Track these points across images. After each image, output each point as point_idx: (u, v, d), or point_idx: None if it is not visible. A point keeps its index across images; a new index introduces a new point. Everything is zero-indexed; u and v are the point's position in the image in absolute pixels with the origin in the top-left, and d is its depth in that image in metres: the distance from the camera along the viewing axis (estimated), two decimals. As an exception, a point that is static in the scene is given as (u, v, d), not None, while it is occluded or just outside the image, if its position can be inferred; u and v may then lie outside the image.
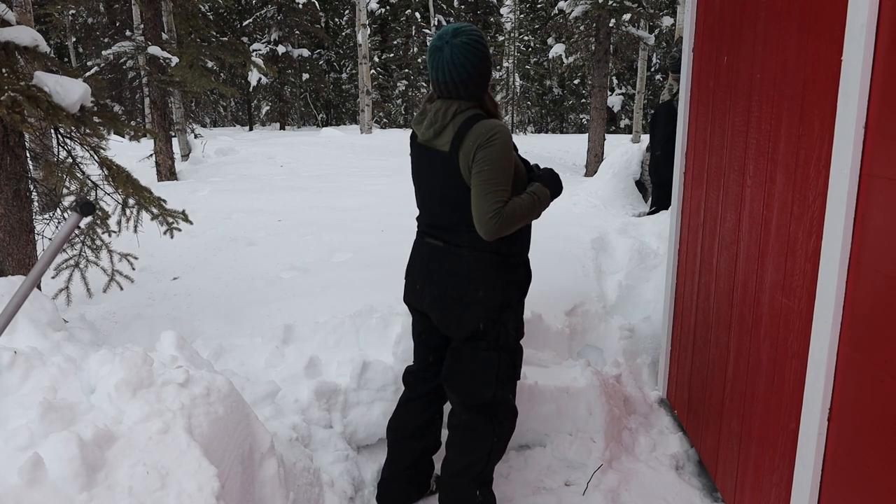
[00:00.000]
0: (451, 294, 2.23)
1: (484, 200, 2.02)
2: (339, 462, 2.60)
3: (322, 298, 3.46)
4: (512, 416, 2.40)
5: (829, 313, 1.65)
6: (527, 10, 24.31)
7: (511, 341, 2.30)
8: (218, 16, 19.77)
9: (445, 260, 2.23)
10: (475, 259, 2.18)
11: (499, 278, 2.22)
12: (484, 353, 2.26)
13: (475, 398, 2.31)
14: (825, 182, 1.68)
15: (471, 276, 2.20)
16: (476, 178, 2.04)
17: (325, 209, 5.45)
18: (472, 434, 2.35)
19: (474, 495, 2.37)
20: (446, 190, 2.16)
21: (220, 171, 9.66)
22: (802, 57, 1.86)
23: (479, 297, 2.20)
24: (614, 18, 10.67)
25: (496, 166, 2.03)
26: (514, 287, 2.28)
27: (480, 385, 2.29)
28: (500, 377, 2.30)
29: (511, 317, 2.29)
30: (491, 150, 2.02)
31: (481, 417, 2.33)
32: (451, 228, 2.21)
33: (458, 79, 2.07)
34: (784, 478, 1.94)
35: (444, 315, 2.28)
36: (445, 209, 2.20)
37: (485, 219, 2.02)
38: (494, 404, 2.32)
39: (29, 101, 2.68)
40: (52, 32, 18.10)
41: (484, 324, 2.23)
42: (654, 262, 4.28)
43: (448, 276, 2.23)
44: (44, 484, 1.45)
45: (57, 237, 1.77)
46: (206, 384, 1.90)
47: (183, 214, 3.47)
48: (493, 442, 2.35)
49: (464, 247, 2.18)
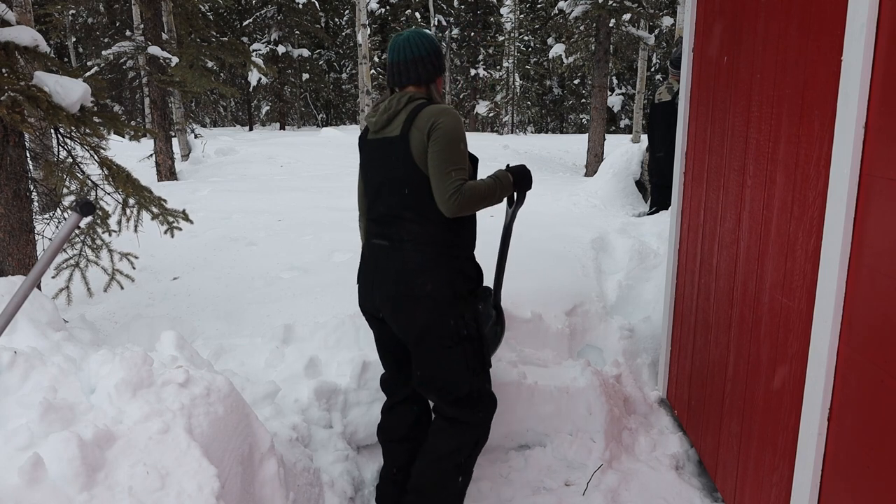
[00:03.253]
0: (400, 291, 2.23)
1: (445, 178, 2.09)
2: (339, 462, 2.60)
3: (322, 298, 3.45)
4: (493, 405, 2.39)
5: (829, 313, 1.65)
6: (527, 10, 24.30)
7: (472, 331, 2.29)
8: (218, 16, 19.78)
9: (391, 258, 2.24)
10: (419, 254, 2.21)
11: (445, 271, 2.23)
12: (447, 350, 2.25)
13: (453, 393, 2.29)
14: (825, 182, 1.68)
15: (416, 271, 2.21)
16: (434, 158, 2.10)
17: (325, 209, 5.45)
18: (461, 424, 2.33)
19: (456, 480, 2.35)
20: (394, 173, 2.20)
21: (220, 171, 9.66)
22: (802, 57, 1.86)
23: (427, 290, 2.20)
24: (614, 18, 10.67)
25: (453, 144, 2.11)
26: (461, 278, 2.27)
27: (453, 380, 2.28)
28: (470, 367, 2.29)
29: (465, 308, 2.28)
30: (446, 128, 2.10)
31: (466, 409, 2.31)
32: (397, 221, 2.22)
33: (411, 57, 2.21)
34: (784, 478, 1.94)
35: (397, 314, 2.26)
36: (392, 197, 2.22)
37: (446, 195, 2.09)
38: (474, 394, 2.31)
39: (29, 101, 2.68)
40: (52, 32, 18.08)
41: (437, 318, 2.22)
42: (654, 262, 4.28)
43: (395, 274, 2.23)
44: (44, 484, 1.45)
45: (57, 237, 1.77)
46: (206, 384, 1.90)
47: (183, 214, 3.47)
48: (479, 431, 2.35)
49: (407, 242, 2.21)
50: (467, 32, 25.16)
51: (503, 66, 22.78)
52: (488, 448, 2.92)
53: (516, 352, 3.26)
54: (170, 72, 8.41)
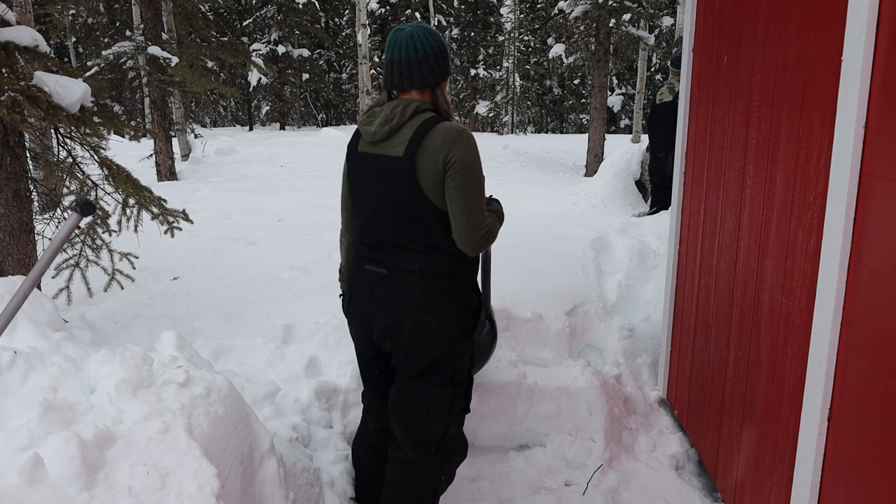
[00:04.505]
0: (401, 327, 2.01)
1: (474, 219, 1.90)
2: (339, 462, 2.60)
3: (322, 298, 3.45)
4: (462, 450, 2.23)
5: (829, 313, 1.65)
6: (527, 10, 24.30)
7: (466, 373, 2.14)
8: (218, 16, 19.78)
9: (391, 290, 2.00)
10: (425, 286, 1.98)
11: (452, 306, 2.03)
12: (439, 388, 2.07)
13: (426, 436, 2.11)
14: (825, 182, 1.68)
15: (422, 306, 1.98)
16: (458, 194, 1.88)
17: (325, 209, 5.45)
18: (419, 472, 2.14)
19: None
20: (396, 198, 1.94)
21: (220, 171, 9.66)
22: (802, 57, 1.86)
23: (432, 328, 2.00)
24: (614, 18, 10.68)
25: (476, 177, 1.91)
26: (468, 314, 2.09)
27: (433, 422, 2.10)
28: (454, 412, 2.12)
29: (467, 348, 2.12)
30: (466, 159, 1.88)
31: (429, 456, 2.13)
32: (397, 250, 1.99)
33: (415, 56, 1.90)
34: (784, 478, 1.94)
35: (397, 348, 2.06)
36: (397, 224, 1.97)
37: (476, 236, 1.91)
38: (445, 441, 2.13)
39: (29, 102, 2.68)
40: (52, 32, 18.08)
41: (440, 357, 2.04)
42: (654, 262, 4.28)
43: (396, 308, 2.00)
44: (44, 484, 1.45)
45: (57, 237, 1.76)
46: (206, 384, 1.90)
47: (183, 213, 3.47)
48: (440, 480, 2.17)
49: (412, 273, 1.97)
50: (467, 32, 25.16)
51: (503, 66, 22.78)
52: (488, 448, 2.93)
53: (516, 352, 3.26)
54: (170, 72, 8.41)
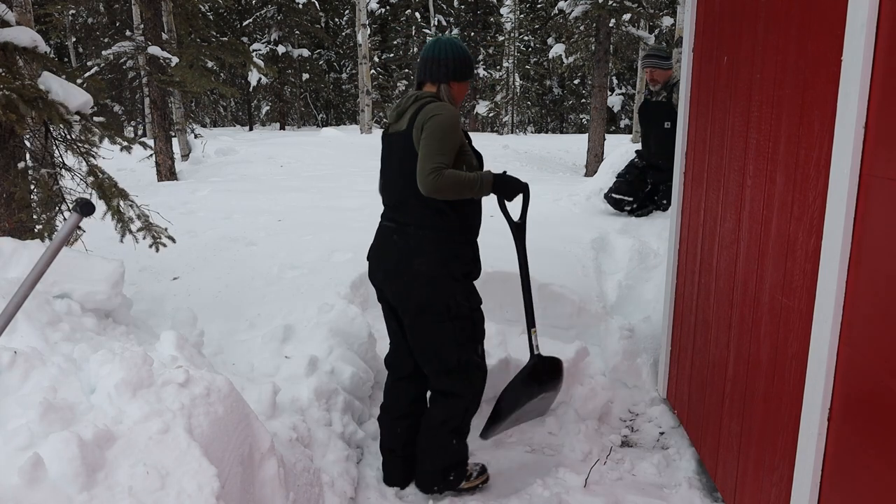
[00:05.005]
0: (397, 268, 2.48)
1: (426, 160, 2.29)
2: (339, 462, 2.60)
3: (322, 298, 3.45)
4: (481, 374, 2.61)
5: (829, 313, 1.65)
6: (527, 10, 24.29)
7: (463, 310, 2.50)
8: (218, 16, 19.79)
9: (396, 238, 2.49)
10: (419, 236, 2.44)
11: (439, 253, 2.44)
12: (437, 325, 2.48)
13: (442, 364, 2.53)
14: (825, 182, 1.68)
15: (414, 251, 2.44)
16: (422, 143, 2.32)
17: (325, 209, 5.45)
18: (450, 395, 2.58)
19: (451, 443, 2.61)
20: (402, 164, 2.44)
21: (220, 171, 9.66)
22: (802, 57, 1.86)
23: (421, 270, 2.43)
24: (614, 18, 10.68)
25: (442, 135, 2.31)
26: (455, 262, 2.48)
27: (444, 353, 2.51)
28: (459, 342, 2.52)
29: (458, 289, 2.49)
30: (437, 120, 2.32)
31: (454, 381, 2.55)
32: (402, 207, 2.47)
33: (433, 56, 2.47)
34: (784, 478, 1.94)
35: (394, 288, 2.52)
36: (399, 184, 2.47)
37: (424, 174, 2.28)
38: (462, 366, 2.53)
39: (25, 103, 2.68)
40: (52, 32, 18.09)
41: (430, 296, 2.45)
42: (654, 262, 4.28)
43: (396, 252, 2.48)
44: (44, 484, 1.45)
45: (57, 237, 1.76)
46: (206, 384, 1.90)
47: (166, 231, 3.45)
48: (468, 400, 2.60)
49: (410, 225, 2.45)
50: (467, 32, 25.16)
51: (503, 66, 22.78)
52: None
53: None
54: (170, 72, 8.42)
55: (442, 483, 2.63)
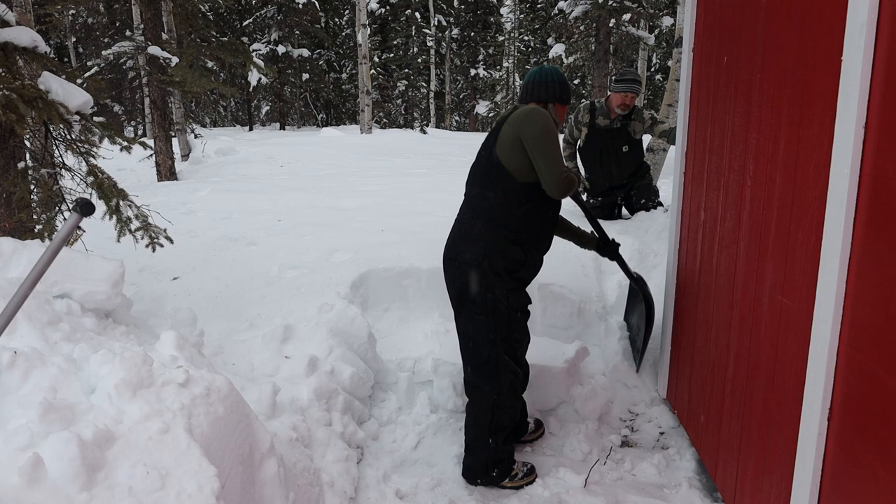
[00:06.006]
0: (448, 254, 2.65)
1: (554, 164, 2.46)
2: (339, 462, 2.60)
3: (322, 298, 3.45)
4: (511, 374, 2.66)
5: (829, 313, 1.65)
6: (527, 10, 24.29)
7: (501, 307, 2.57)
8: (218, 16, 19.78)
9: (459, 227, 2.66)
10: (471, 225, 2.59)
11: (484, 243, 2.53)
12: (477, 316, 2.58)
13: (475, 358, 2.64)
14: (825, 182, 1.68)
15: (464, 238, 2.59)
16: (540, 149, 2.46)
17: (325, 209, 5.44)
18: (478, 391, 2.66)
19: (487, 442, 2.66)
20: (481, 162, 2.64)
21: (220, 171, 9.66)
22: (802, 57, 1.86)
23: (464, 258, 2.55)
24: (614, 18, 10.68)
25: (544, 138, 2.46)
26: (501, 257, 2.54)
27: (478, 346, 2.62)
28: (492, 339, 2.59)
29: (498, 284, 2.56)
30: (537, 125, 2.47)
31: (482, 377, 2.65)
32: (472, 201, 2.64)
33: (543, 80, 2.66)
34: (784, 478, 1.94)
35: (446, 275, 2.68)
36: (475, 179, 2.66)
37: (555, 178, 2.46)
38: (492, 363, 2.61)
39: (24, 102, 2.68)
40: (52, 32, 18.09)
41: (470, 285, 2.55)
42: (654, 262, 4.27)
43: (454, 240, 2.65)
44: (44, 484, 1.45)
45: (57, 237, 1.76)
46: (206, 384, 1.90)
47: (165, 232, 3.45)
48: (495, 397, 2.64)
49: (476, 218, 2.59)
50: (467, 32, 25.17)
51: (503, 66, 22.79)
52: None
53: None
54: (170, 72, 8.41)
55: (484, 477, 2.70)
